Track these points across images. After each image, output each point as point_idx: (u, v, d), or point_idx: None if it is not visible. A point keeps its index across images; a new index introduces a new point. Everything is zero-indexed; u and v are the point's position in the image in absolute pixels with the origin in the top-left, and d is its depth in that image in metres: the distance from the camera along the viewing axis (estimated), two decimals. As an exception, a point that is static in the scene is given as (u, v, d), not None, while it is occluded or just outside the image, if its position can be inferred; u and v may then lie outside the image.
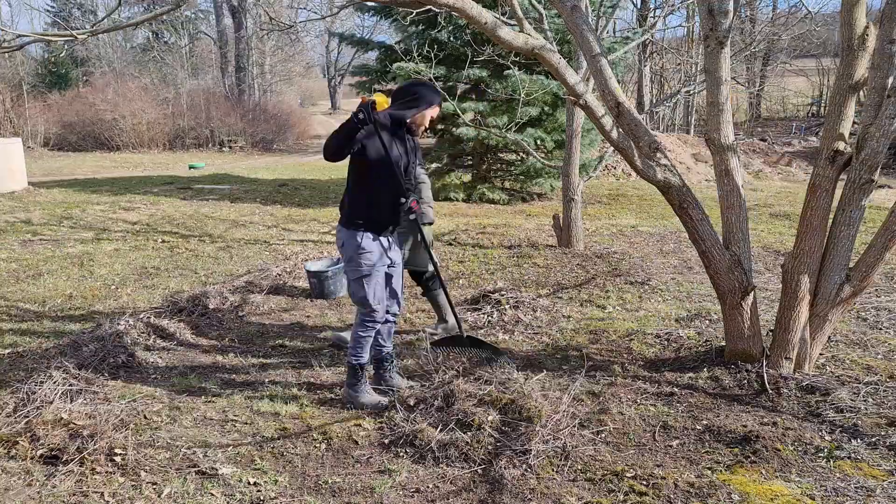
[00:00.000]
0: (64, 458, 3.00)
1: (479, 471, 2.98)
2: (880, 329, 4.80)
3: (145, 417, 3.49)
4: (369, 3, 11.20)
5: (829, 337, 4.26)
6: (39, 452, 3.07)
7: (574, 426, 3.29)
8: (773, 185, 14.07)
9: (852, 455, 3.05)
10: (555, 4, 3.97)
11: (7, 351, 4.45)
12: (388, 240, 3.60)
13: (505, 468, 2.95)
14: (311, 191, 12.71)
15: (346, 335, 4.45)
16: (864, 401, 3.54)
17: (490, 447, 3.10)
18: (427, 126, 3.67)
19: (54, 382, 3.60)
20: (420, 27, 10.95)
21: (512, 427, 3.22)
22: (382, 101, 3.45)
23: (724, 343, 4.23)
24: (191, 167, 17.62)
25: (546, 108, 10.73)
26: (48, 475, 2.92)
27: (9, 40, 4.49)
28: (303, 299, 5.77)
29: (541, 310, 5.30)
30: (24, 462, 3.00)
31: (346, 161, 3.43)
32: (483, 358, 3.79)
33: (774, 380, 3.78)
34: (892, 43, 3.47)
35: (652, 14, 19.72)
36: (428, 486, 2.88)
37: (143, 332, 4.69)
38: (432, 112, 3.59)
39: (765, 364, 3.88)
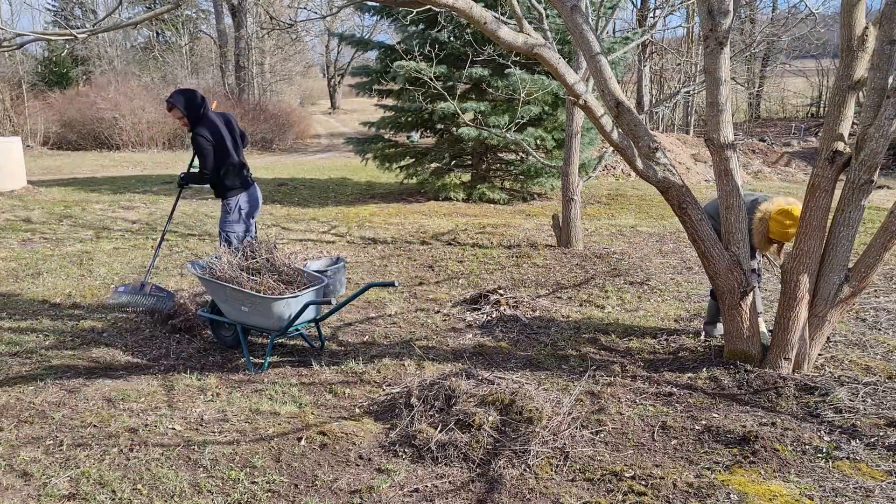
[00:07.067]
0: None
1: (478, 471, 2.98)
2: (879, 329, 4.81)
3: (146, 415, 3.49)
4: (369, 3, 11.21)
5: (828, 337, 4.26)
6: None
7: (574, 427, 3.29)
8: (773, 186, 14.07)
9: (851, 455, 3.05)
10: (555, 4, 3.97)
11: (6, 349, 4.46)
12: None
13: (504, 468, 2.96)
14: (310, 190, 12.71)
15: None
16: (863, 401, 3.54)
17: (489, 447, 3.11)
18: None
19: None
20: (420, 27, 10.94)
21: (512, 427, 3.22)
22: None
23: (723, 343, 4.24)
24: (190, 166, 17.59)
25: (546, 108, 10.72)
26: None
27: (9, 39, 4.50)
28: (302, 299, 5.75)
29: (540, 310, 5.30)
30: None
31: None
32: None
33: (773, 380, 3.78)
34: (891, 44, 3.48)
35: (652, 14, 19.72)
36: (426, 486, 2.88)
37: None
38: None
39: (764, 364, 3.89)
